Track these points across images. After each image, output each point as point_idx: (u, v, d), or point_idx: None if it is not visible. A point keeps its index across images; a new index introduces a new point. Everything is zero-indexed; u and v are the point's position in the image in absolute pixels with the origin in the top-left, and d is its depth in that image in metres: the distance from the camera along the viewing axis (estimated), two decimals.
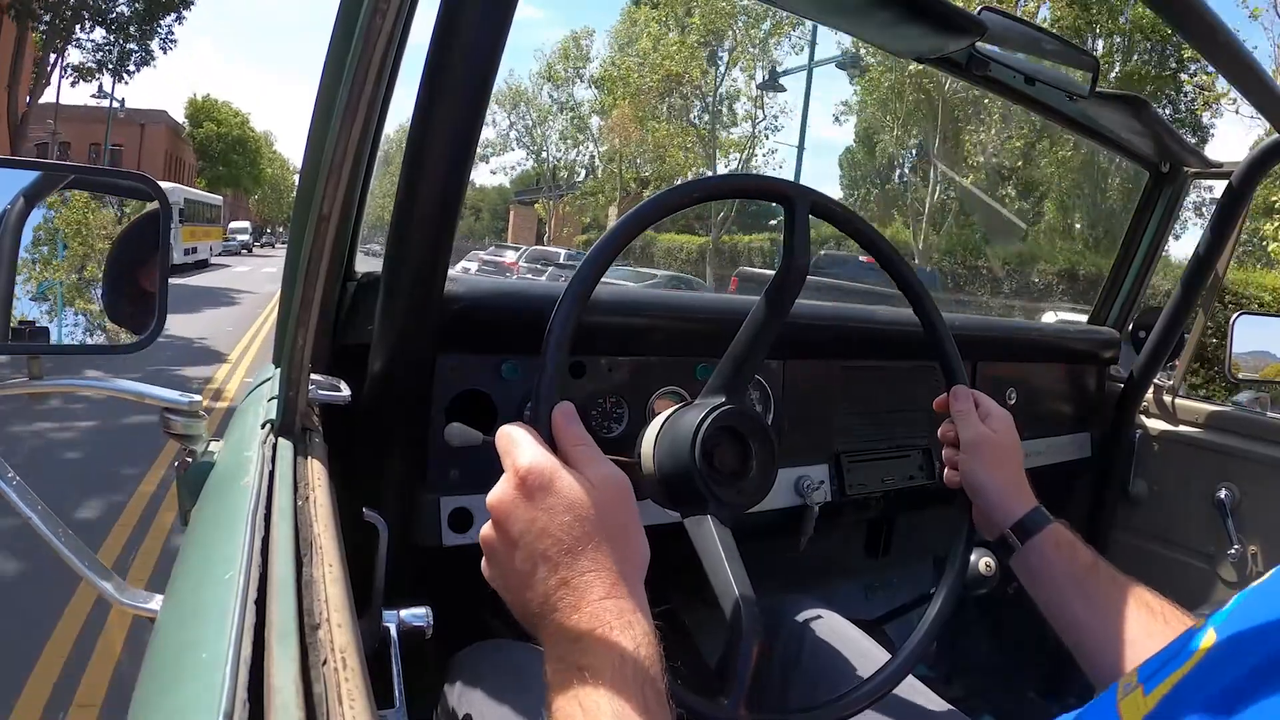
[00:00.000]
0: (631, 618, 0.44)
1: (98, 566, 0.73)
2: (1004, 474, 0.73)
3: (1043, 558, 0.69)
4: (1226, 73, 0.69)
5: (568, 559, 0.46)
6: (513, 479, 0.49)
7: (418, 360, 0.77)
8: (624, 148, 23.95)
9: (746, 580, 0.60)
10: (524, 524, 0.47)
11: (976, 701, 1.39)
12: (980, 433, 0.74)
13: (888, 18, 0.82)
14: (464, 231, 44.46)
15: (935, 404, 0.79)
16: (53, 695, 2.05)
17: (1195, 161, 1.36)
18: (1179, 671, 0.36)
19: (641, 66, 21.35)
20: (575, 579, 0.45)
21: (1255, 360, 1.48)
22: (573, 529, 0.46)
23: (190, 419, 0.77)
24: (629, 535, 0.49)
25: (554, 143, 30.09)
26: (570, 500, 0.47)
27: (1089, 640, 0.64)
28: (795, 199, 0.70)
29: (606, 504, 0.48)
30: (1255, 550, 1.30)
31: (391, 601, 0.64)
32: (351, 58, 0.50)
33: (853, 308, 1.21)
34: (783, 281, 0.70)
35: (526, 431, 0.52)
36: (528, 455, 0.49)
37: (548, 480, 0.48)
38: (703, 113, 22.49)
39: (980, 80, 1.00)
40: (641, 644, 0.43)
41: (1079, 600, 0.66)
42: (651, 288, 10.99)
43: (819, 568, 1.31)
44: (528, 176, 46.03)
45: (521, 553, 0.47)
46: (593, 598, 0.44)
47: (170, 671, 0.44)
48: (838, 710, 0.64)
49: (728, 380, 0.70)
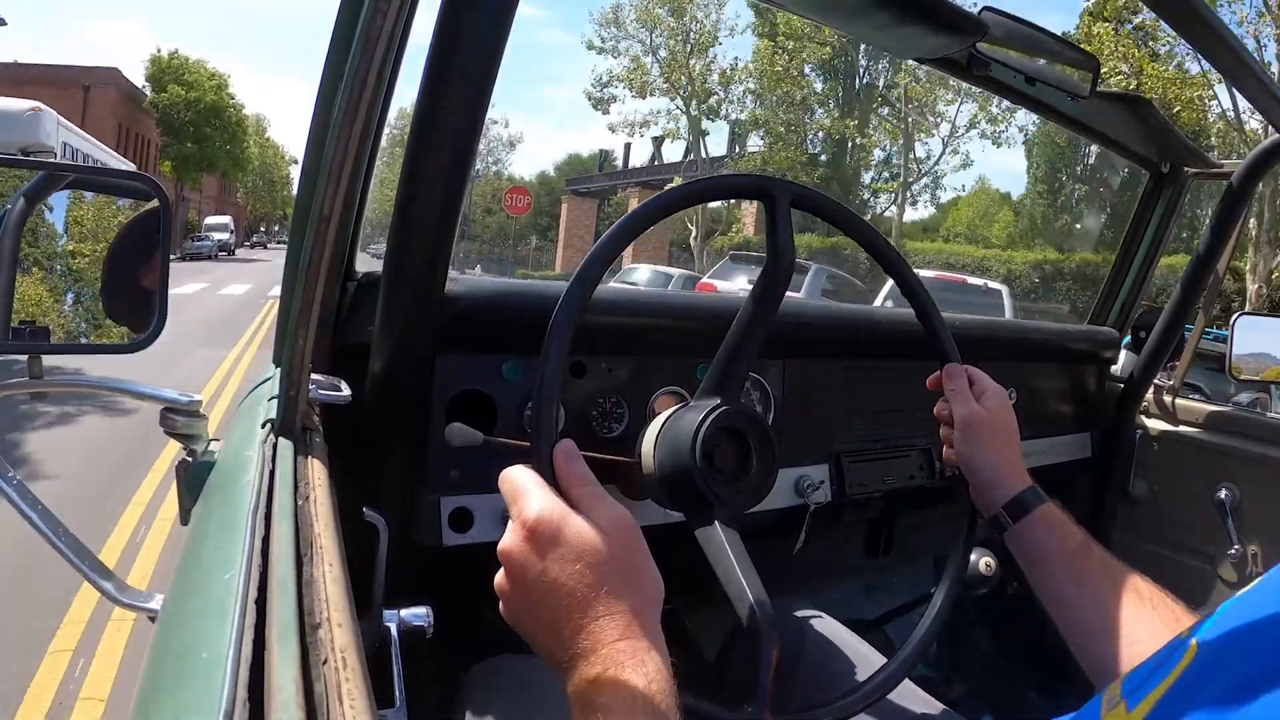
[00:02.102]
0: (645, 656, 0.45)
1: (98, 566, 0.74)
2: (998, 452, 0.73)
3: (1035, 537, 0.69)
4: (1227, 72, 0.69)
5: (581, 606, 0.47)
6: (521, 530, 0.50)
7: (418, 360, 0.77)
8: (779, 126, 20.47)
9: (760, 585, 0.60)
10: (536, 575, 0.48)
11: (976, 701, 1.39)
12: (974, 411, 0.74)
13: (888, 18, 0.82)
14: (494, 228, 38.29)
15: (929, 382, 0.79)
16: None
17: (1195, 161, 1.36)
18: (1161, 686, 0.36)
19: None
20: (590, 624, 0.46)
21: (1255, 361, 1.48)
22: (584, 577, 0.47)
23: (191, 418, 0.77)
24: (640, 575, 0.50)
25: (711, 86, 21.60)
26: (580, 549, 0.48)
27: (1077, 622, 0.65)
28: (775, 193, 0.70)
29: (616, 548, 0.49)
30: (1255, 550, 1.30)
31: (392, 601, 0.64)
32: (351, 58, 0.50)
33: (853, 308, 1.21)
34: (769, 280, 0.70)
35: (530, 476, 0.52)
36: (535, 504, 0.50)
37: (556, 529, 0.49)
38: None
39: (980, 80, 1.00)
40: (654, 680, 0.44)
41: (1068, 581, 0.66)
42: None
43: (819, 568, 1.31)
44: (579, 162, 40.67)
45: (535, 603, 0.48)
46: (607, 640, 0.46)
47: (170, 671, 0.44)
48: (839, 710, 0.64)
49: (720, 381, 0.70)
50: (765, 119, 21.14)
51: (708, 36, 21.56)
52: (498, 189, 35.44)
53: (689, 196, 0.70)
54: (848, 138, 21.71)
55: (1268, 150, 1.22)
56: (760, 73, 20.40)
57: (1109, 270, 1.53)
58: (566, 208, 32.79)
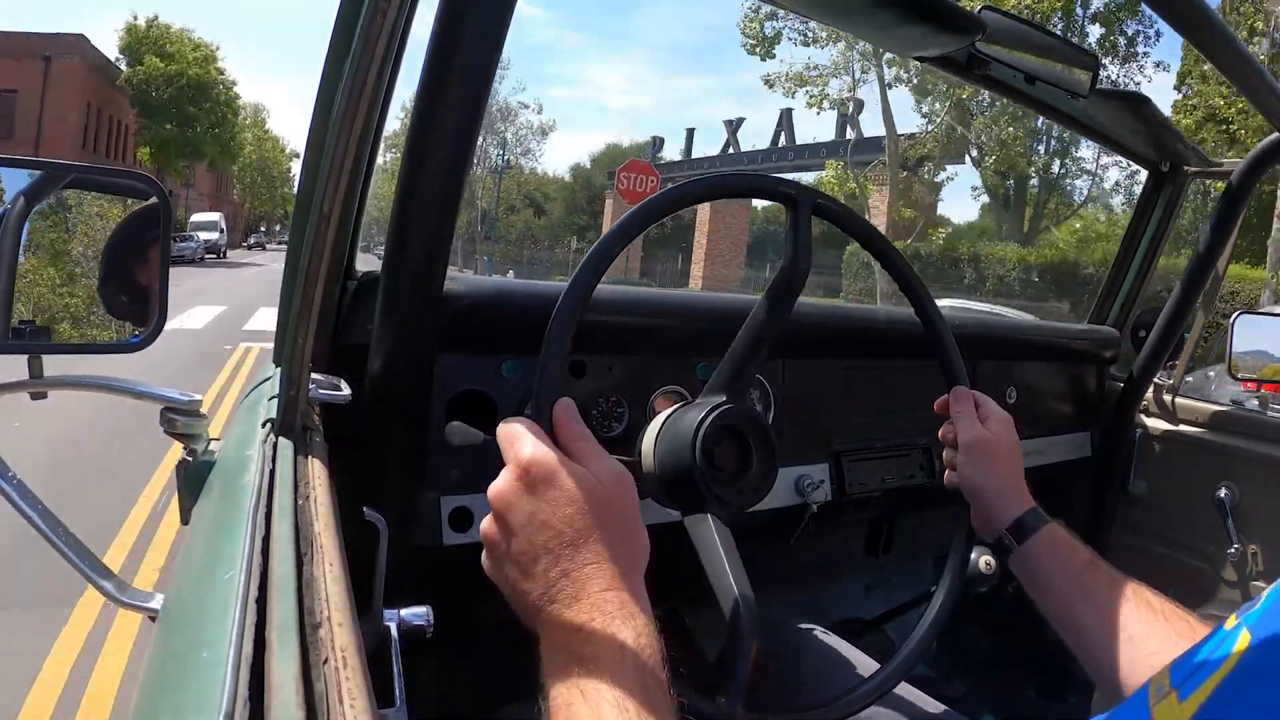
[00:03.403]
0: (632, 609, 0.44)
1: (98, 566, 0.74)
2: (1001, 475, 0.73)
3: (1039, 559, 0.69)
4: (1227, 72, 0.69)
5: (569, 551, 0.46)
6: (515, 471, 0.49)
7: (418, 359, 0.77)
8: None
9: (746, 580, 0.60)
10: (525, 515, 0.47)
11: (976, 701, 1.39)
12: (978, 434, 0.74)
13: (887, 18, 0.82)
14: (519, 228, 34.48)
15: (936, 405, 0.79)
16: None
17: (1195, 160, 1.36)
18: (1215, 675, 0.35)
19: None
20: (576, 571, 0.45)
21: (1255, 360, 1.48)
22: (574, 521, 0.46)
23: (191, 418, 0.77)
24: (631, 530, 0.49)
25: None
26: (572, 493, 0.47)
27: (1090, 639, 0.64)
28: (798, 199, 0.70)
29: (609, 498, 0.48)
30: (1255, 550, 1.30)
31: (392, 601, 0.64)
32: (351, 58, 0.50)
33: (853, 307, 1.21)
34: (785, 281, 0.70)
35: (528, 426, 0.52)
36: (530, 448, 0.49)
37: (550, 472, 0.48)
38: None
39: (980, 80, 1.00)
40: (642, 635, 0.43)
41: (1078, 599, 0.66)
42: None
43: (819, 567, 1.31)
44: (619, 153, 34.20)
45: (522, 543, 0.47)
46: (593, 589, 0.44)
47: (171, 670, 0.44)
48: (839, 709, 0.64)
49: (729, 380, 0.70)
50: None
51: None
52: (523, 183, 32.70)
53: (721, 188, 0.69)
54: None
55: (1268, 150, 1.22)
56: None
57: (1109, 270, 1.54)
58: (611, 204, 26.87)
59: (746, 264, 24.60)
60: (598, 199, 32.69)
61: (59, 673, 2.19)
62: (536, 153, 37.33)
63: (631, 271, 25.40)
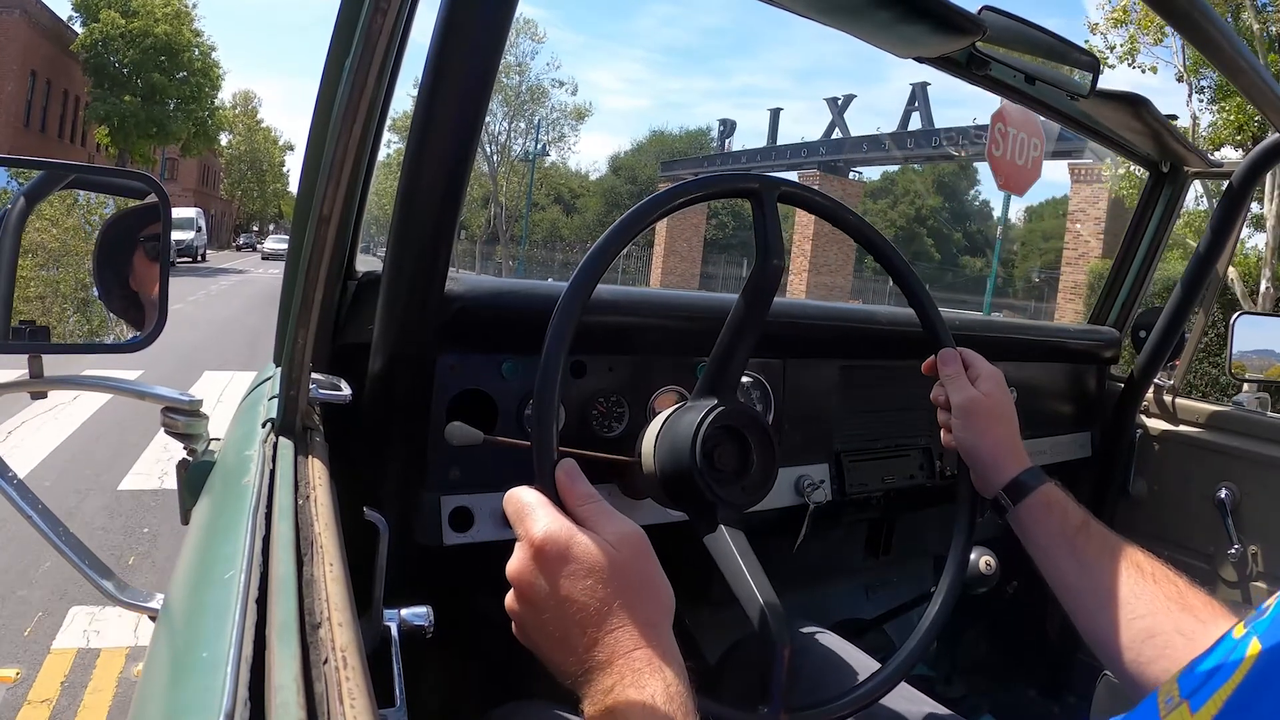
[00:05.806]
0: (662, 664, 0.45)
1: (98, 565, 0.74)
2: (996, 435, 0.73)
3: (1034, 518, 0.70)
4: (1227, 72, 0.69)
5: (595, 620, 0.47)
6: (529, 550, 0.50)
7: (418, 359, 0.77)
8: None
9: (769, 586, 0.60)
10: (546, 594, 0.48)
11: (976, 701, 1.39)
12: (970, 396, 0.74)
13: (887, 18, 0.82)
14: (546, 227, 32.09)
15: (923, 367, 0.79)
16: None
17: (1196, 161, 1.36)
18: (1227, 685, 0.35)
19: None
20: (604, 637, 0.46)
21: (1256, 360, 1.48)
22: (596, 592, 0.47)
23: (191, 418, 0.77)
24: (652, 587, 0.50)
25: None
26: (589, 564, 0.48)
27: (1080, 600, 0.65)
28: (761, 191, 0.70)
29: (625, 561, 0.49)
30: (1255, 550, 1.30)
31: (392, 601, 0.64)
32: (351, 58, 0.50)
33: (853, 307, 1.21)
34: (759, 278, 0.70)
35: (534, 495, 0.52)
36: (541, 523, 0.50)
37: (564, 547, 0.49)
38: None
39: (980, 80, 1.00)
40: (671, 684, 0.44)
41: (1070, 560, 0.67)
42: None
43: (819, 567, 1.31)
44: (664, 141, 31.61)
45: (549, 620, 0.48)
46: (622, 650, 0.46)
47: (171, 670, 0.44)
48: (839, 709, 0.64)
49: (715, 381, 0.71)
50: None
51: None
52: (549, 176, 29.05)
53: (685, 195, 0.70)
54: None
55: (1268, 150, 1.22)
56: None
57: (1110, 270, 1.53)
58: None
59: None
60: (646, 192, 29.73)
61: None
62: (570, 141, 32.79)
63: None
